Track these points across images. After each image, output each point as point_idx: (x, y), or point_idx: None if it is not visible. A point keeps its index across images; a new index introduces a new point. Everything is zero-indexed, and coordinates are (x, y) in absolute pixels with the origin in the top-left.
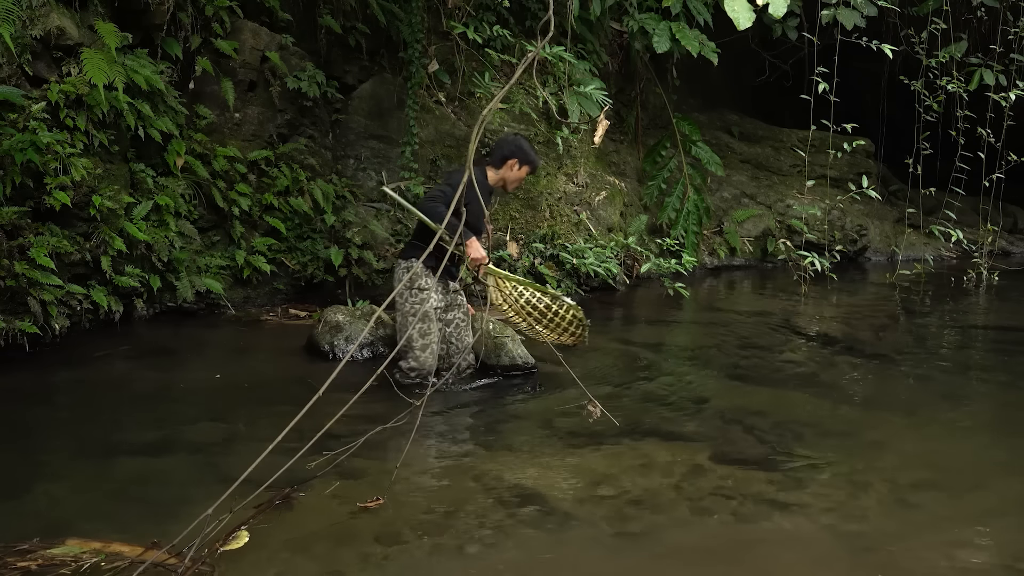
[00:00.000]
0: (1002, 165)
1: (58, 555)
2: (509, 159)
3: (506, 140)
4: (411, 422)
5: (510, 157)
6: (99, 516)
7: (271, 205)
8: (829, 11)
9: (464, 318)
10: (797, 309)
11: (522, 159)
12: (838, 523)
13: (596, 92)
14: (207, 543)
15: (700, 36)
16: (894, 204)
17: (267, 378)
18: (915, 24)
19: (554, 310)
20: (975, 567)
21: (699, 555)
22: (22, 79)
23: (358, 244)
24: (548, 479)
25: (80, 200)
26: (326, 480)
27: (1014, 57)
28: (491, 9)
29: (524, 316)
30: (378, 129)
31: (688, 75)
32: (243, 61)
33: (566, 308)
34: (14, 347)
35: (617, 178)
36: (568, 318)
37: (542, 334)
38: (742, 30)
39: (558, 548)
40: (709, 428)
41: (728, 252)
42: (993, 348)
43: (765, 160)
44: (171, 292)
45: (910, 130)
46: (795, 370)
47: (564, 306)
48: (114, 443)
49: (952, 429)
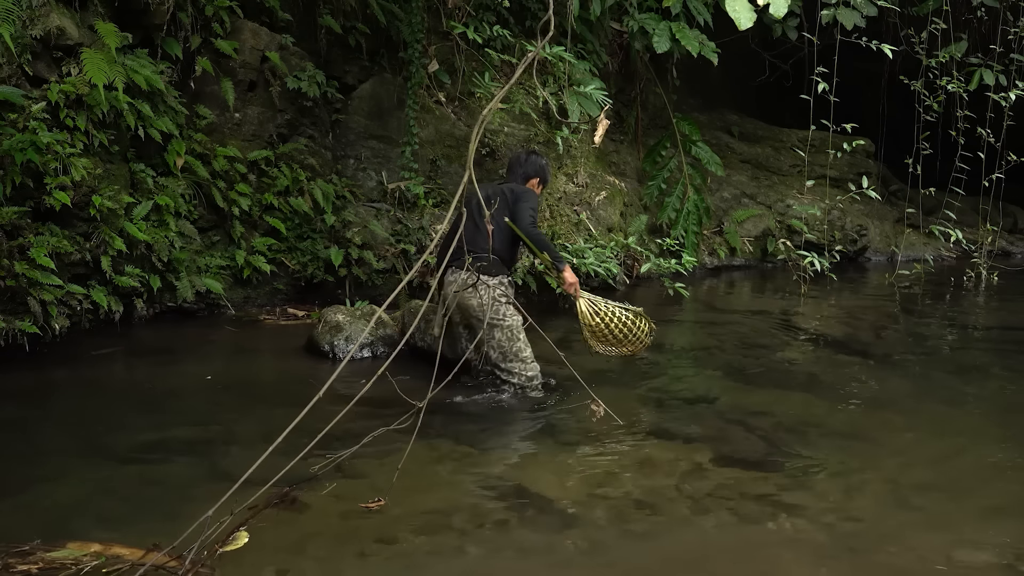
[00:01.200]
0: (1002, 165)
1: (58, 558)
2: (533, 178)
3: (532, 160)
4: (412, 423)
5: (534, 176)
6: (99, 517)
7: (271, 205)
8: (829, 11)
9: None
10: (797, 309)
11: (544, 180)
12: (838, 523)
13: (596, 92)
14: (207, 545)
15: (700, 36)
16: (894, 204)
17: (267, 378)
18: (915, 24)
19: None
20: (975, 567)
21: (700, 555)
22: (22, 79)
23: (358, 244)
24: (548, 479)
25: (80, 200)
26: (327, 481)
27: (1014, 57)
28: (491, 9)
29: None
30: (378, 129)
31: (688, 75)
32: (243, 61)
33: (643, 319)
34: (14, 347)
35: (617, 178)
36: (645, 329)
37: (622, 351)
38: (743, 30)
39: (559, 548)
40: (709, 428)
41: (728, 252)
42: (993, 348)
43: (765, 160)
44: (171, 292)
45: (910, 130)
46: (795, 370)
47: (641, 318)
48: (114, 443)
49: (952, 429)
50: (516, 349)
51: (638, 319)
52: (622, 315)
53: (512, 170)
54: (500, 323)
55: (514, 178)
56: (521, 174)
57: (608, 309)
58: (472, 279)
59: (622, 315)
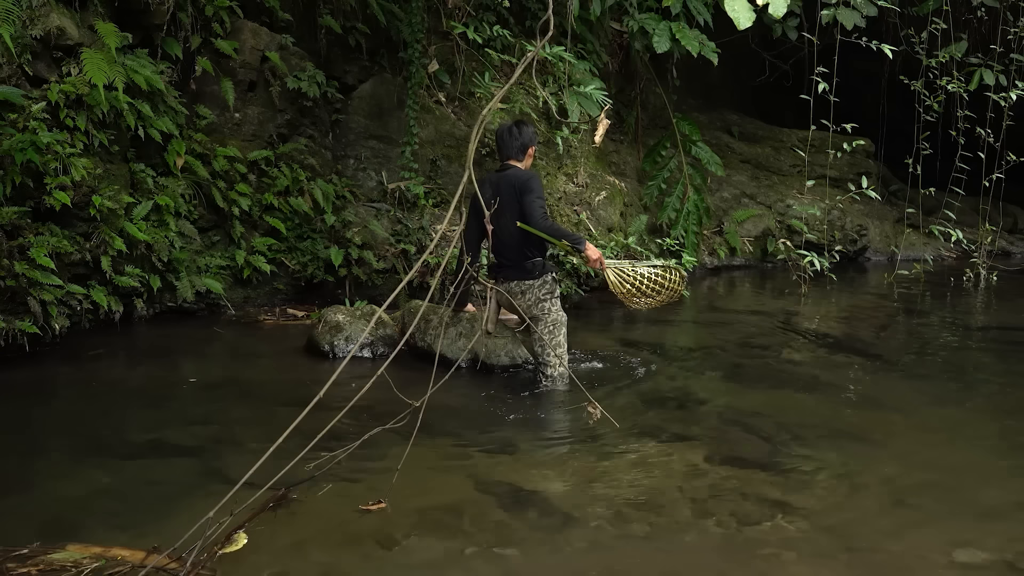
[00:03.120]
0: (1002, 165)
1: (58, 560)
2: (530, 146)
3: (524, 130)
4: (411, 423)
5: (531, 144)
6: (98, 518)
7: (271, 205)
8: (829, 11)
9: None
10: (797, 309)
11: (534, 141)
12: (838, 523)
13: (596, 92)
14: (207, 546)
15: (700, 36)
16: (894, 204)
17: (267, 378)
18: (915, 24)
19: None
20: (975, 567)
21: (700, 555)
22: (22, 79)
23: (358, 244)
24: (548, 480)
25: (80, 200)
26: (326, 482)
27: (1014, 57)
28: (491, 9)
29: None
30: (378, 129)
31: (688, 75)
32: (243, 61)
33: (671, 271)
34: (14, 347)
35: (617, 178)
36: (675, 279)
37: (659, 302)
38: (742, 30)
39: (558, 549)
40: (709, 428)
41: (728, 252)
42: (993, 348)
43: (765, 160)
44: (171, 292)
45: (910, 130)
46: (795, 370)
47: (669, 270)
48: (113, 444)
49: (952, 429)
50: (555, 343)
51: (667, 272)
52: (649, 273)
53: (506, 145)
54: (544, 318)
55: (510, 152)
56: (518, 147)
57: (635, 272)
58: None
59: (649, 273)
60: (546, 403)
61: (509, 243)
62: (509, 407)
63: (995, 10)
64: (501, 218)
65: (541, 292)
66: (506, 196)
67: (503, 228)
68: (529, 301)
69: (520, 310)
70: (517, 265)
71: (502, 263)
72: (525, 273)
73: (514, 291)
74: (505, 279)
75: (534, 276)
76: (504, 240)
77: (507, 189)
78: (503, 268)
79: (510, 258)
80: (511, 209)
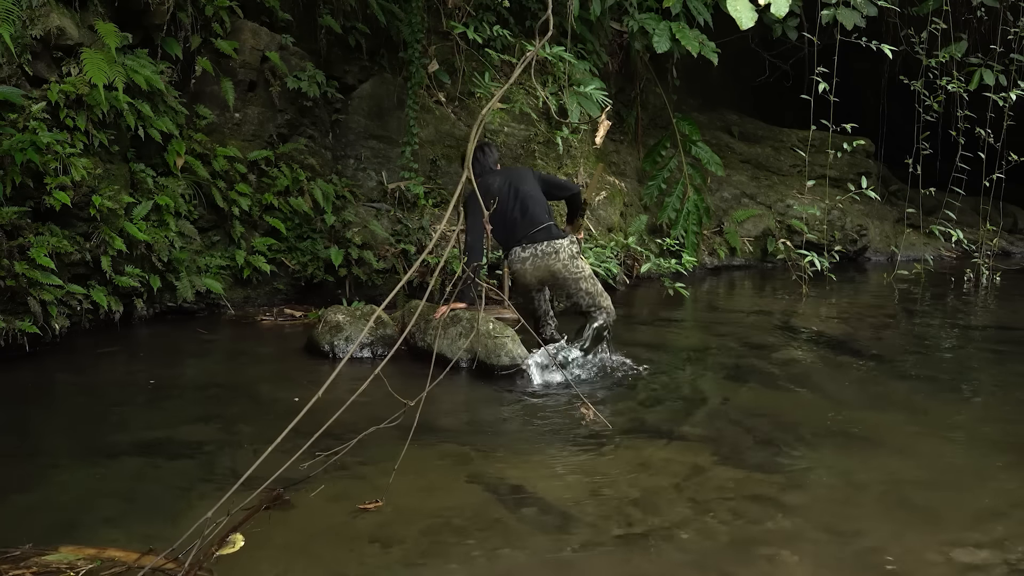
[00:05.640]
0: (1002, 165)
1: (52, 562)
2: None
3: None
4: (409, 422)
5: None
6: (95, 518)
7: (271, 205)
8: (829, 11)
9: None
10: (797, 309)
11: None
12: (838, 523)
13: (596, 92)
14: (204, 547)
15: (700, 36)
16: (894, 204)
17: (266, 378)
18: (915, 24)
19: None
20: (975, 567)
21: (700, 555)
22: (22, 79)
23: (358, 244)
24: (548, 479)
25: (80, 200)
26: (324, 481)
27: (1014, 57)
28: (491, 9)
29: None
30: (378, 129)
31: (688, 75)
32: (243, 61)
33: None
34: (14, 347)
35: (617, 178)
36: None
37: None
38: (744, 30)
39: (558, 549)
40: (709, 428)
41: (728, 252)
42: (993, 348)
43: (765, 160)
44: (171, 292)
45: (910, 130)
46: (795, 370)
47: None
48: (112, 444)
49: (952, 429)
50: (598, 290)
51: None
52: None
53: (486, 157)
54: (582, 274)
55: (490, 162)
56: (495, 158)
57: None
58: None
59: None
60: (546, 402)
61: (535, 209)
62: (508, 406)
63: (995, 10)
64: (523, 186)
65: (573, 249)
66: (518, 175)
67: (527, 195)
68: (564, 258)
69: (558, 276)
70: (546, 228)
71: (527, 233)
72: (553, 235)
73: (547, 252)
74: (533, 242)
75: (562, 235)
76: (530, 208)
77: (517, 173)
78: (529, 236)
79: (537, 222)
80: (528, 184)
